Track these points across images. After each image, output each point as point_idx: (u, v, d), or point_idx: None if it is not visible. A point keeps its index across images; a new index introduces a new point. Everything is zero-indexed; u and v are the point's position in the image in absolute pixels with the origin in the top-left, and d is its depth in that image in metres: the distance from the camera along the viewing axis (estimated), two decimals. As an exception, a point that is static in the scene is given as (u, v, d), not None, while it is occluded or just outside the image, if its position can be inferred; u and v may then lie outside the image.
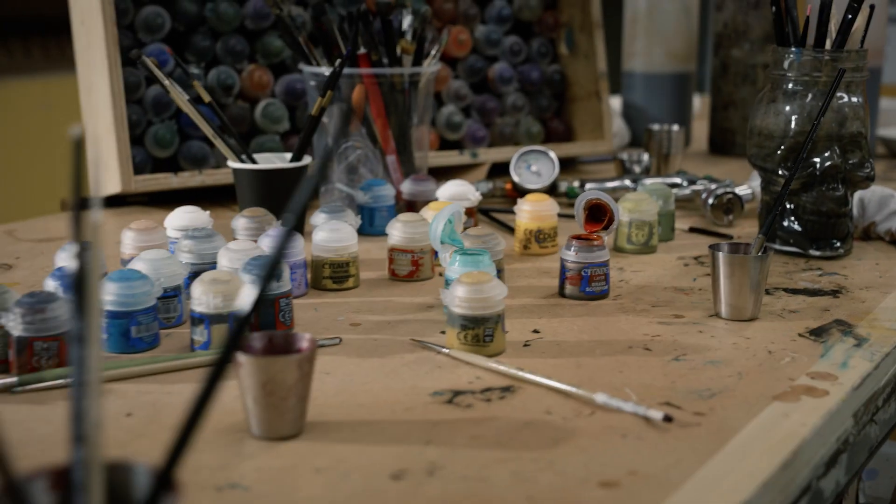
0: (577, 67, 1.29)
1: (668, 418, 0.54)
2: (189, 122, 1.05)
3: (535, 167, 1.06)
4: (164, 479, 0.34)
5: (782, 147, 0.87)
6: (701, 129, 1.51)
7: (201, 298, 0.63)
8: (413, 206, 0.95)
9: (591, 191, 0.79)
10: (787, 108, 0.87)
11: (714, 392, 0.58)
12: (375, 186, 0.94)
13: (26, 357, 0.59)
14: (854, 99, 0.86)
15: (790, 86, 0.87)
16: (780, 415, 0.56)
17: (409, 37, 0.99)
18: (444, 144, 1.21)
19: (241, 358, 0.52)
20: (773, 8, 0.87)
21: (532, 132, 1.27)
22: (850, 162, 0.86)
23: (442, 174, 1.10)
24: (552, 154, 1.05)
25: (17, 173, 2.37)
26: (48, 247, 0.90)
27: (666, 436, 0.53)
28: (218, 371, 0.36)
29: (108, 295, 0.64)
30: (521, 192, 1.06)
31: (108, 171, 1.01)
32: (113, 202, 1.05)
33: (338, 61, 0.90)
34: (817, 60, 0.85)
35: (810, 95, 0.86)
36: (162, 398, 0.57)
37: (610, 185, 1.07)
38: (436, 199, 0.95)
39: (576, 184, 1.08)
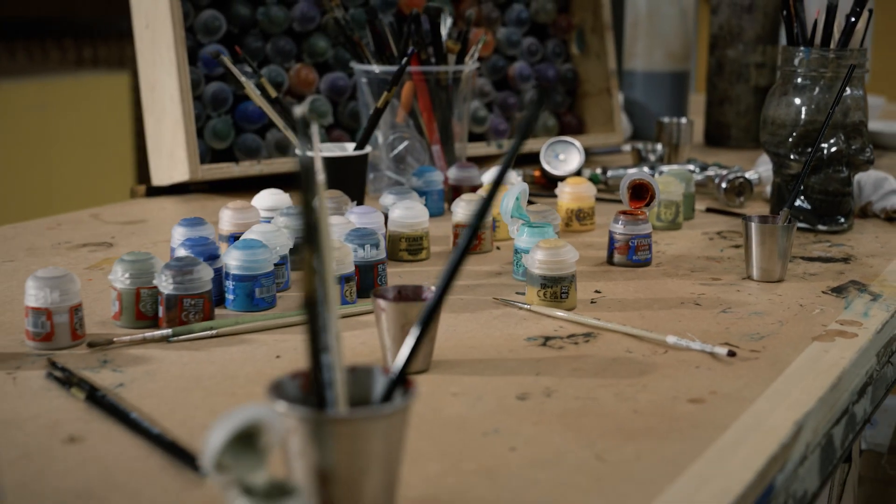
0: (588, 66, 1.40)
1: (731, 353, 0.65)
2: (243, 116, 1.15)
3: (562, 156, 1.17)
4: (401, 379, 0.44)
5: (794, 135, 0.98)
6: (696, 124, 1.62)
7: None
8: (459, 190, 1.05)
9: (635, 172, 0.90)
10: (797, 100, 0.98)
11: (762, 335, 0.69)
12: (427, 173, 1.04)
13: (176, 312, 0.69)
14: (856, 92, 0.98)
15: (799, 80, 0.98)
16: (820, 351, 0.67)
17: (453, 37, 1.09)
18: (470, 137, 1.31)
19: (383, 304, 0.62)
20: (784, 12, 0.99)
21: (548, 125, 1.38)
22: (853, 147, 0.98)
23: (475, 163, 1.21)
24: (578, 144, 1.16)
25: (16, 172, 2.43)
26: (136, 227, 1.00)
27: (732, 367, 0.64)
28: (448, 280, 0.45)
29: (234, 261, 0.74)
30: (549, 178, 1.16)
31: (177, 161, 1.11)
32: (177, 190, 1.15)
33: (404, 59, 1.00)
34: (824, 58, 0.97)
35: (817, 89, 0.97)
36: (299, 344, 0.67)
37: (631, 171, 1.18)
38: (480, 185, 1.05)
39: (598, 171, 1.19)
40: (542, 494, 0.48)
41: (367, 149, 1.00)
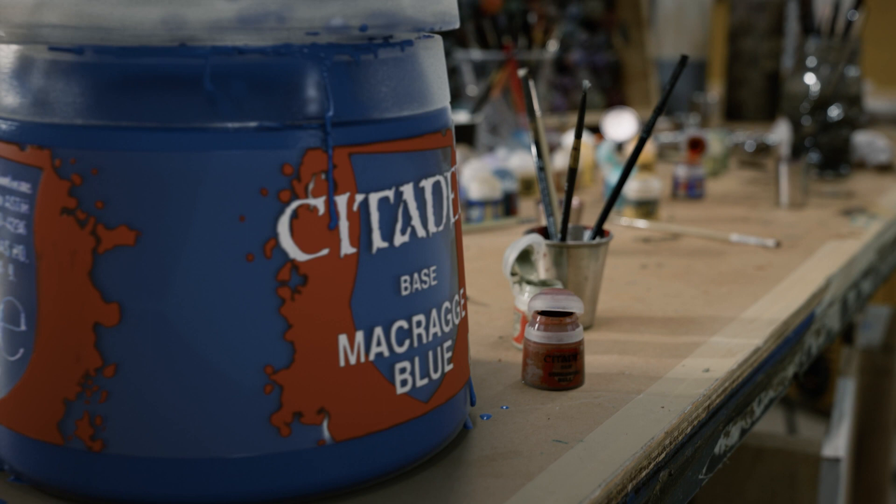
0: (630, 54, 1.70)
1: (777, 244, 0.95)
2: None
3: (619, 123, 1.46)
4: (599, 228, 0.74)
5: (805, 104, 1.28)
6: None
7: (477, 188, 1.03)
8: (544, 150, 1.35)
9: (689, 128, 1.20)
10: (809, 78, 1.28)
11: (795, 236, 0.99)
12: (519, 135, 1.34)
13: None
14: (854, 71, 1.28)
15: (810, 62, 1.28)
16: (837, 244, 0.96)
17: (538, 29, 1.39)
18: (537, 112, 1.60)
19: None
20: (801, 8, 1.29)
21: (597, 104, 1.67)
22: (852, 112, 1.28)
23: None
24: (631, 112, 1.45)
25: None
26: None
27: (777, 251, 0.93)
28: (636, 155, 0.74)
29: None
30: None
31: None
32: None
33: (513, 51, 1.30)
34: (830, 46, 1.27)
35: (825, 69, 1.27)
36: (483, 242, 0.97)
37: (689, 129, 1.48)
38: (557, 144, 1.35)
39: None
40: (675, 308, 0.77)
41: (480, 116, 1.30)
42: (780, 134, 1.44)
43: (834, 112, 1.27)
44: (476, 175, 1.04)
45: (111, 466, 0.46)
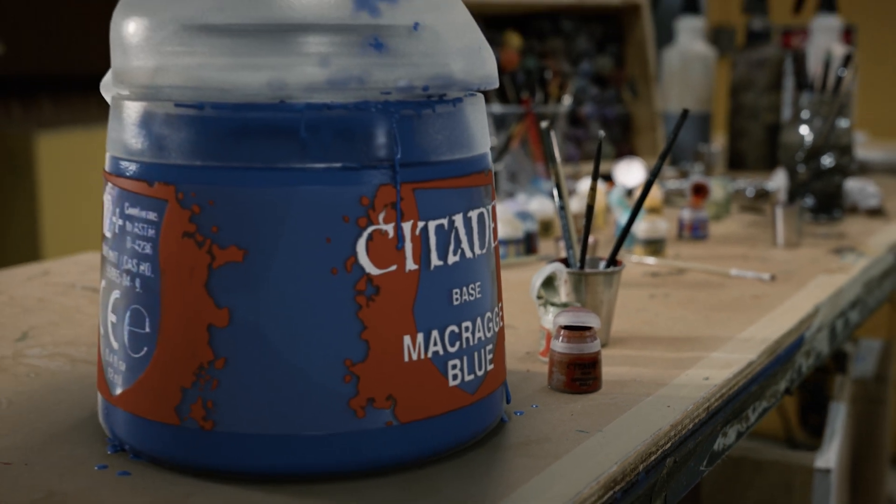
0: (638, 108, 1.82)
1: (772, 277, 1.05)
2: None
3: (629, 171, 1.57)
4: (612, 259, 0.84)
5: (800, 153, 1.39)
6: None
7: (502, 228, 1.14)
8: (560, 196, 1.46)
9: (694, 175, 1.31)
10: (803, 129, 1.39)
11: (789, 271, 1.10)
12: (538, 182, 1.45)
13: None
14: (845, 123, 1.39)
15: (804, 114, 1.40)
16: (827, 278, 1.07)
17: (554, 85, 1.51)
18: (552, 162, 1.72)
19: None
20: (795, 65, 1.40)
21: (608, 154, 1.79)
22: (843, 161, 1.39)
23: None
24: (639, 161, 1.57)
25: (71, 214, 2.77)
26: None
27: (772, 284, 1.04)
28: (645, 194, 0.85)
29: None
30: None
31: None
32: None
33: (521, 102, 1.42)
34: (822, 100, 1.38)
35: (817, 121, 1.39)
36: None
37: (694, 176, 1.59)
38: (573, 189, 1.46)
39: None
40: (679, 330, 0.88)
41: (500, 165, 1.41)
42: (778, 181, 1.55)
43: (826, 160, 1.38)
44: (500, 217, 1.15)
45: (220, 442, 0.56)
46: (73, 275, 1.06)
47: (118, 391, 0.60)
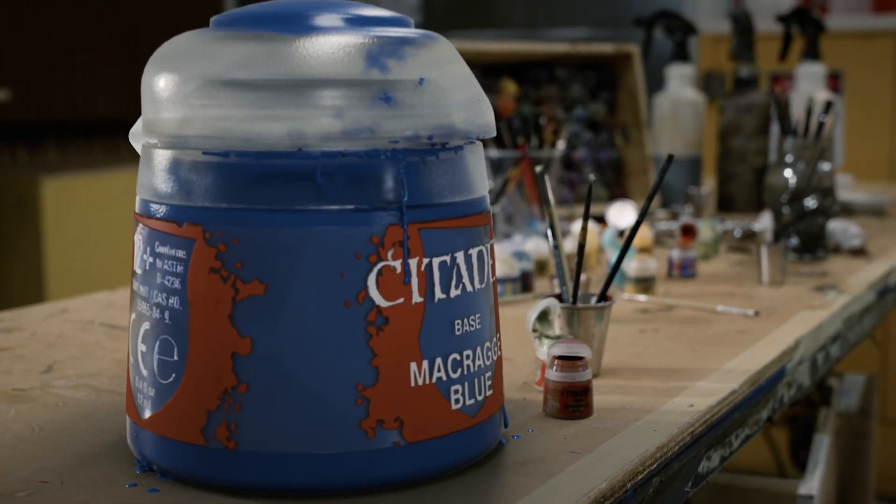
0: (631, 152, 1.89)
1: (756, 313, 1.11)
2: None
3: (621, 212, 1.63)
4: (603, 295, 0.90)
5: (785, 195, 1.45)
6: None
7: (499, 267, 1.19)
8: (554, 237, 1.52)
9: (683, 217, 1.37)
10: (787, 172, 1.45)
11: (772, 307, 1.15)
12: (533, 223, 1.51)
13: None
14: (827, 166, 1.45)
15: (788, 158, 1.46)
16: (808, 313, 1.12)
17: (548, 131, 1.57)
18: (547, 204, 1.78)
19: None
20: (778, 112, 1.47)
21: (601, 196, 1.85)
22: (826, 202, 1.45)
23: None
24: (631, 203, 1.63)
25: (75, 256, 2.85)
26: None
27: (757, 319, 1.09)
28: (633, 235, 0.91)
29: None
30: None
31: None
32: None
33: (517, 147, 1.48)
34: (804, 145, 1.45)
35: (800, 165, 1.45)
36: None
37: (683, 218, 1.65)
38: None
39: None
40: (667, 362, 0.93)
41: (497, 207, 1.47)
42: (764, 222, 1.61)
43: (809, 202, 1.44)
44: (497, 256, 1.21)
45: (242, 461, 0.61)
46: (91, 312, 1.12)
47: (147, 415, 0.65)
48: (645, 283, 1.20)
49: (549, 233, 0.91)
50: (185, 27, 0.76)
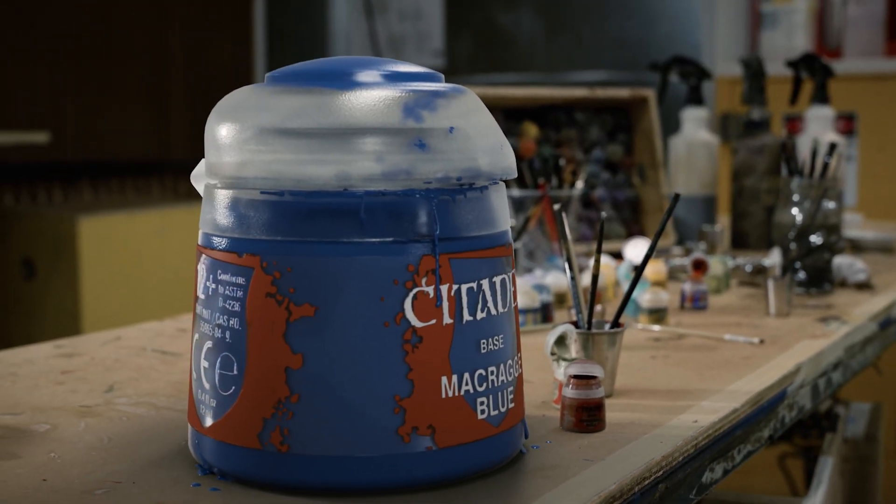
0: (647, 191, 1.97)
1: (761, 341, 1.18)
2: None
3: (636, 248, 1.71)
4: (616, 322, 0.98)
5: (791, 232, 1.53)
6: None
7: (521, 299, 1.28)
8: (573, 272, 1.60)
9: (696, 252, 1.45)
10: (794, 210, 1.53)
11: (777, 336, 1.23)
12: (553, 259, 1.59)
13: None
14: (832, 205, 1.53)
15: (795, 197, 1.54)
16: (810, 342, 1.20)
17: (567, 171, 1.66)
18: (567, 241, 1.87)
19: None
20: (784, 154, 1.55)
21: (619, 234, 1.94)
22: (831, 239, 1.53)
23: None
24: (645, 239, 1.71)
25: (110, 291, 2.95)
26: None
27: (761, 347, 1.17)
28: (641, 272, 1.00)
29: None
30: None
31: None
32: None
33: (546, 189, 1.57)
34: (810, 184, 1.53)
35: (807, 203, 1.53)
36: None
37: (695, 254, 1.72)
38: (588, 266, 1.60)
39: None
40: (676, 384, 1.01)
41: (519, 243, 1.56)
42: (773, 258, 1.69)
43: (815, 238, 1.52)
44: (519, 289, 1.29)
45: (293, 463, 0.70)
46: (143, 340, 1.21)
47: (208, 423, 0.73)
48: (658, 314, 1.28)
49: (566, 264, 0.99)
50: (210, 78, 0.86)
